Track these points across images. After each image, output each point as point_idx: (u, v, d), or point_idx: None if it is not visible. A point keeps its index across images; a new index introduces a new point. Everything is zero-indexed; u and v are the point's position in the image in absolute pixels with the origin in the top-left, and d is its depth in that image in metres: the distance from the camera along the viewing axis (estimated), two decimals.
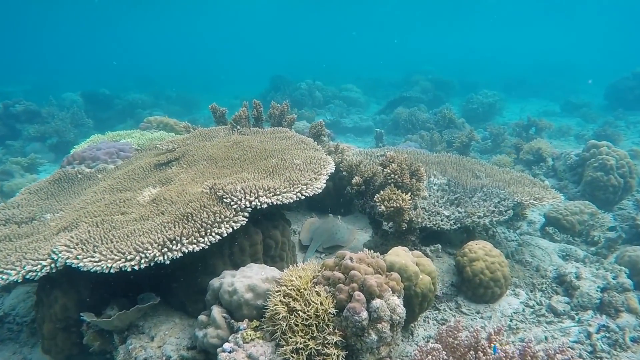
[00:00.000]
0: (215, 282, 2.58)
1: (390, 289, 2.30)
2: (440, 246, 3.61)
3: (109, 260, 2.37)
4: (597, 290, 3.29)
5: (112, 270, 2.35)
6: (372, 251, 2.78)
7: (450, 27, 49.91)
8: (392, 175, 3.32)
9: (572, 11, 43.99)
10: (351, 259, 2.43)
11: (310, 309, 2.22)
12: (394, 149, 5.12)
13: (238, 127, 4.24)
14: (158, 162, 3.75)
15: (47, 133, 9.31)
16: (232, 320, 2.42)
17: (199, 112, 16.45)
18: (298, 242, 4.09)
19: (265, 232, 2.98)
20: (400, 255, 2.74)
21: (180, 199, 2.93)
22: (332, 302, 2.25)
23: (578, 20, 45.03)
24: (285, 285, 2.38)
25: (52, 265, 2.47)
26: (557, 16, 45.99)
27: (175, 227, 2.57)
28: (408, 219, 3.28)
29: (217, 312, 2.43)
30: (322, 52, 42.23)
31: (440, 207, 3.91)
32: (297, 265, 2.57)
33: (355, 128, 12.75)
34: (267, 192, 2.77)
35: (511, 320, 3.19)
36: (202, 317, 2.49)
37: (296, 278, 2.39)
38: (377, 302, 2.18)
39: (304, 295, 2.29)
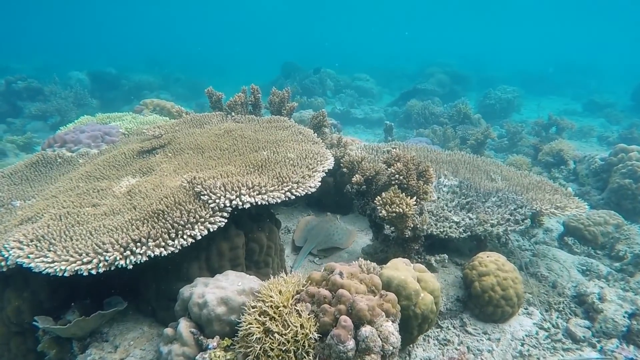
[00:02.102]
0: (185, 290, 2.26)
1: (383, 313, 1.96)
2: (446, 256, 3.26)
3: (63, 262, 2.07)
4: (624, 317, 2.90)
5: (66, 274, 2.05)
6: (368, 261, 2.45)
7: (470, 19, 48.59)
8: (397, 175, 2.96)
9: (598, 7, 42.39)
10: (341, 273, 2.09)
11: (289, 332, 1.89)
12: (402, 144, 4.74)
13: (232, 114, 3.90)
14: (142, 149, 3.44)
15: (49, 112, 9.07)
16: (202, 337, 2.11)
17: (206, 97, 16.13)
18: (291, 242, 3.77)
19: (248, 234, 2.64)
20: (399, 269, 2.39)
21: (155, 192, 2.61)
22: (315, 325, 1.92)
23: (605, 17, 43.34)
24: (262, 300, 2.05)
25: (2, 263, 2.18)
26: (582, 12, 44.38)
27: (142, 227, 2.26)
28: (412, 225, 2.92)
29: (184, 326, 2.12)
30: (337, 40, 41.46)
31: (450, 211, 3.53)
32: (281, 276, 2.24)
33: (366, 119, 12.32)
34: (251, 190, 2.43)
35: (522, 345, 2.83)
36: (168, 331, 2.18)
37: (276, 293, 2.06)
38: (366, 330, 1.84)
39: (283, 314, 1.96)
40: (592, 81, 20.14)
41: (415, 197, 2.87)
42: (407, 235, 2.97)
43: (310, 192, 2.65)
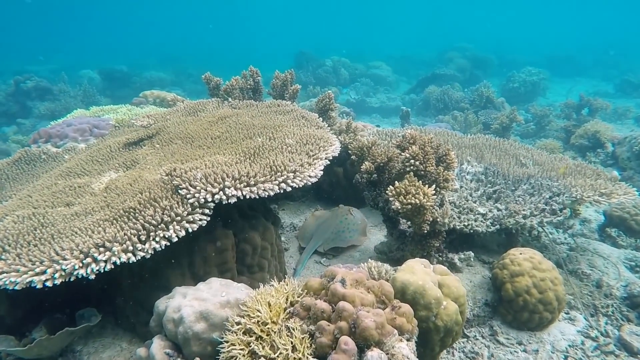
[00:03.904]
0: (161, 303, 1.91)
1: (396, 331, 1.56)
2: (472, 254, 2.82)
3: (13, 274, 1.74)
4: None
5: (17, 287, 1.73)
6: (379, 263, 2.05)
7: (488, 2, 46.91)
8: (412, 160, 2.53)
9: None
10: (343, 281, 1.70)
11: (278, 356, 1.52)
12: (419, 128, 4.29)
13: (229, 99, 3.54)
14: (128, 141, 3.12)
15: (57, 111, 8.92)
16: (179, 359, 1.76)
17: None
18: (297, 241, 3.39)
19: (239, 234, 2.28)
20: (416, 272, 1.98)
21: (131, 188, 2.27)
22: (311, 347, 1.54)
23: None
24: (248, 315, 1.69)
25: None
26: None
27: (109, 228, 1.92)
28: (431, 219, 2.50)
29: (157, 347, 1.78)
30: (352, 28, 40.72)
31: (475, 201, 3.10)
32: (272, 284, 1.87)
33: (382, 108, 11.81)
34: (237, 181, 2.06)
35: (566, 358, 2.39)
36: (140, 351, 1.84)
37: (264, 306, 1.69)
38: (373, 355, 1.45)
39: (272, 333, 1.59)
40: (624, 61, 18.97)
41: (434, 186, 2.45)
42: (425, 231, 2.55)
43: (310, 183, 2.27)
